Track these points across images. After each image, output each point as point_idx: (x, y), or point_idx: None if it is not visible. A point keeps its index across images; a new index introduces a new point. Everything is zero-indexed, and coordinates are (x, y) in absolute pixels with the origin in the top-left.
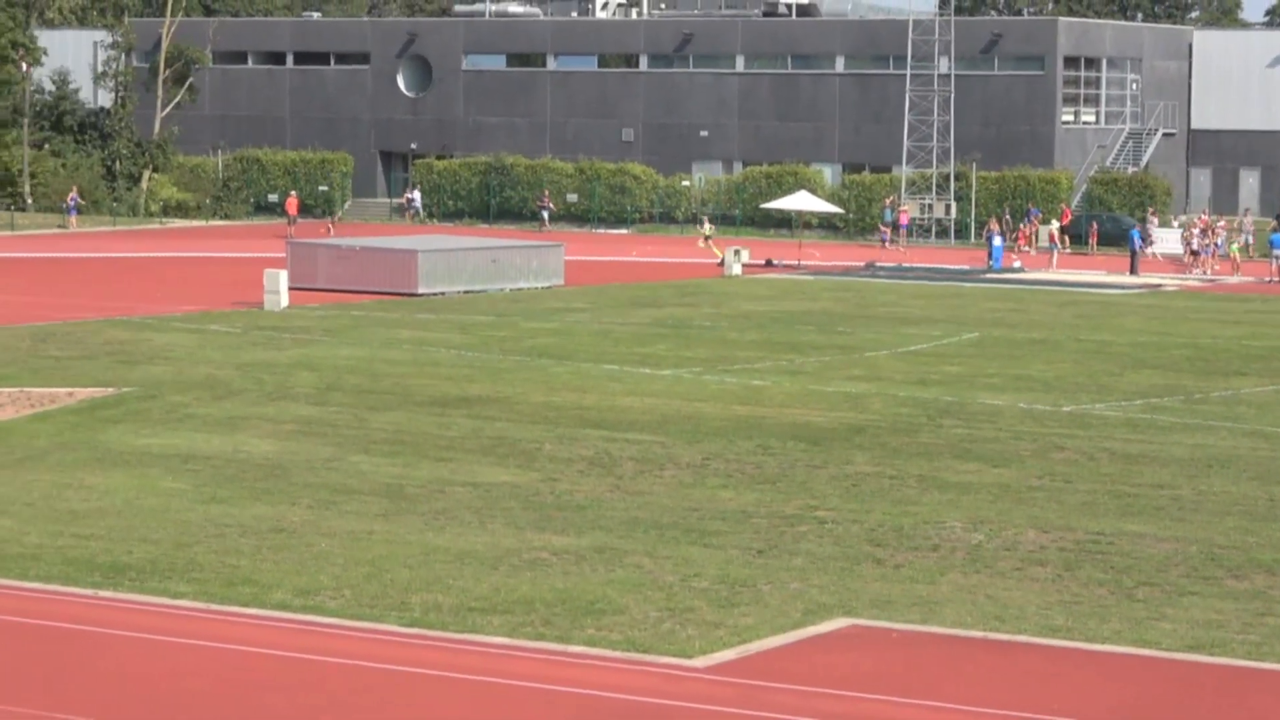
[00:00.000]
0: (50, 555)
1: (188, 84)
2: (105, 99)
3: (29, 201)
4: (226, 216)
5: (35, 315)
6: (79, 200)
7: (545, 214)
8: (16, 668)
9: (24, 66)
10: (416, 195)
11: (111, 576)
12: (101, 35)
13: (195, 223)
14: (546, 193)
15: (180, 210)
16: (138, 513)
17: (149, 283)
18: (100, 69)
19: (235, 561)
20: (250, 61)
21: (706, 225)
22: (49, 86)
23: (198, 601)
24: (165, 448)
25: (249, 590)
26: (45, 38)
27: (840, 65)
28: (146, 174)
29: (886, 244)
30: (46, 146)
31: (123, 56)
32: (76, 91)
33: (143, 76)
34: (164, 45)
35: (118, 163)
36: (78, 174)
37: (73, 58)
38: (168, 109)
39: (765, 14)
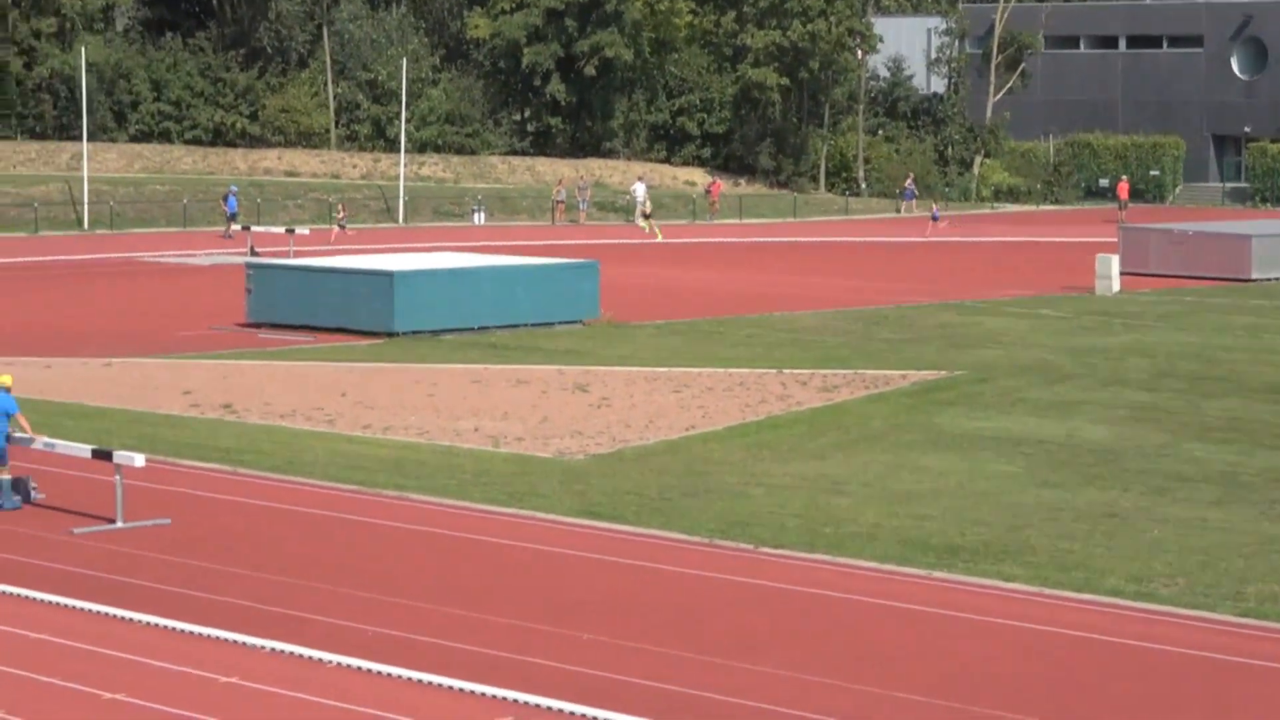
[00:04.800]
0: (886, 535)
1: (1020, 69)
2: (938, 85)
3: (863, 187)
4: (1056, 201)
5: (866, 299)
6: (914, 187)
7: None
8: (852, 643)
9: (860, 54)
10: None
11: (945, 558)
12: (935, 22)
13: (1025, 207)
14: None
15: (1010, 195)
16: (970, 495)
17: (979, 267)
18: (934, 55)
19: (1068, 546)
20: (1082, 46)
21: (647, 204)
22: (883, 73)
23: (1030, 585)
24: (997, 430)
25: (1081, 575)
26: (881, 25)
27: None
28: (978, 159)
29: None
30: (880, 133)
31: (956, 43)
32: (910, 78)
33: (975, 62)
34: (997, 31)
35: (950, 148)
36: (910, 159)
37: (907, 44)
38: (999, 94)
39: None
